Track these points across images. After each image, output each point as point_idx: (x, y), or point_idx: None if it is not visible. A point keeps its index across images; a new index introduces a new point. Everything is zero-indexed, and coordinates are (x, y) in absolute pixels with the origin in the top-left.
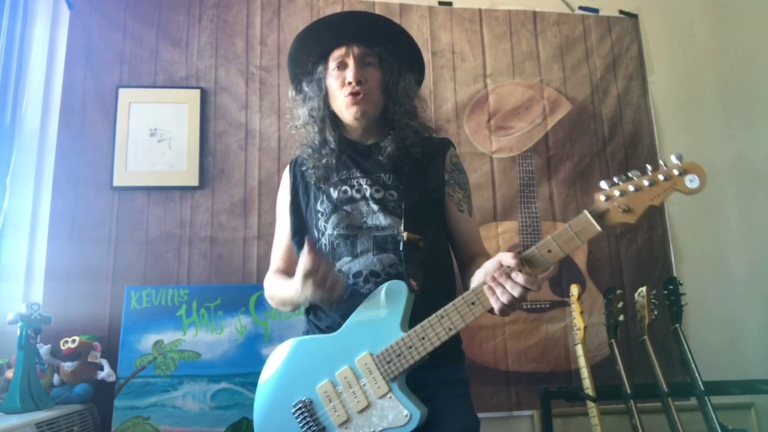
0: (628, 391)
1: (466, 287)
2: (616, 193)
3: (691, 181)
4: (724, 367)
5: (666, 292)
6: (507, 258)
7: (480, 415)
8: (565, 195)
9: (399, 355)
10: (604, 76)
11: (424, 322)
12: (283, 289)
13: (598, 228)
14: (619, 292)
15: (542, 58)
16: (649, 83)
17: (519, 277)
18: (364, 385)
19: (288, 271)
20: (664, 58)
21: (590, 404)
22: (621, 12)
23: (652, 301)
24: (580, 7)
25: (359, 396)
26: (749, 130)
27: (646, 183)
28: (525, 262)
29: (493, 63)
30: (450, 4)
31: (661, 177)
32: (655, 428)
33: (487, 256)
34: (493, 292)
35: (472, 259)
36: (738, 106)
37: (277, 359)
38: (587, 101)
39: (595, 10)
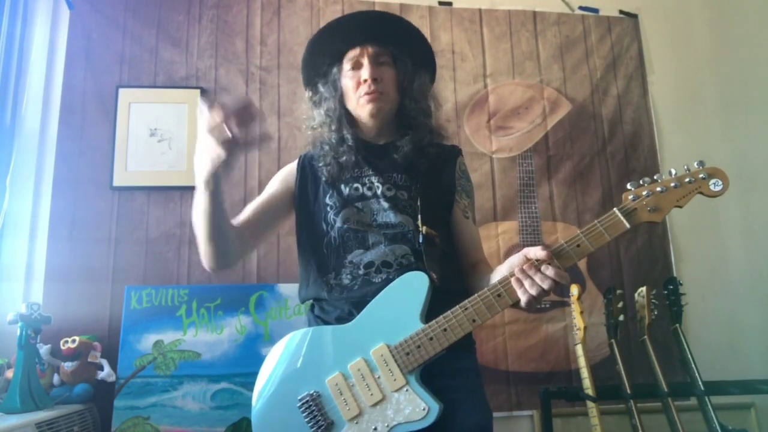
0: (628, 391)
1: (468, 293)
2: (644, 192)
3: (715, 185)
4: (724, 367)
5: (666, 292)
6: (537, 251)
7: None
8: (565, 195)
9: (419, 347)
10: (604, 76)
11: (447, 313)
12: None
13: (627, 225)
14: (619, 292)
15: (542, 58)
16: (649, 83)
17: (549, 270)
18: (378, 377)
19: (244, 225)
20: (664, 58)
21: (590, 404)
22: (621, 12)
23: (652, 301)
24: (580, 7)
25: (373, 389)
26: (749, 130)
27: (672, 185)
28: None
29: (493, 63)
30: (450, 4)
31: (686, 180)
32: (655, 428)
33: (487, 264)
34: (521, 285)
35: (473, 265)
36: (738, 106)
37: (280, 351)
38: (587, 101)
39: (595, 10)
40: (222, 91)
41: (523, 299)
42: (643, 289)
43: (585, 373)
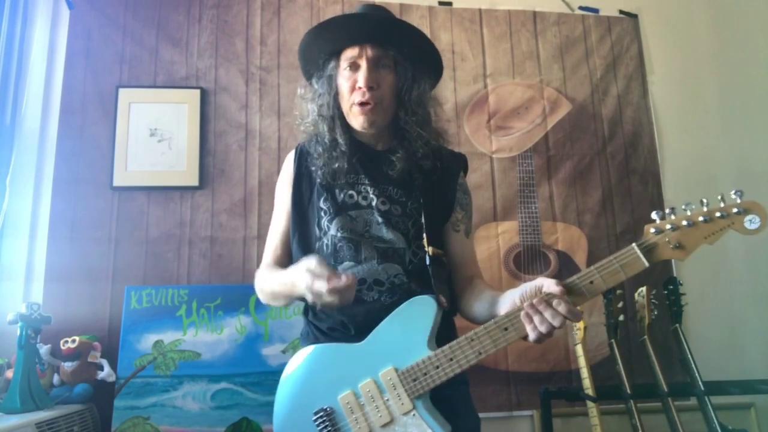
0: (628, 391)
1: (459, 311)
2: (668, 227)
3: (751, 222)
4: (724, 367)
5: (666, 292)
6: (551, 285)
7: (480, 415)
8: (565, 195)
9: (425, 374)
10: (604, 76)
11: (453, 343)
12: (281, 279)
13: (646, 264)
14: (619, 292)
15: (542, 58)
16: (649, 83)
17: (561, 307)
18: (387, 400)
19: (282, 263)
20: (664, 58)
21: (590, 404)
22: (621, 12)
23: (652, 301)
24: (580, 7)
25: (382, 411)
26: (749, 129)
27: (701, 219)
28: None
29: (493, 63)
30: (450, 4)
31: (718, 214)
32: (655, 428)
33: (482, 278)
34: (531, 320)
35: (468, 281)
36: (738, 106)
37: (298, 364)
38: (587, 101)
39: (595, 10)
40: (222, 91)
41: (532, 336)
42: (643, 289)
43: (585, 373)
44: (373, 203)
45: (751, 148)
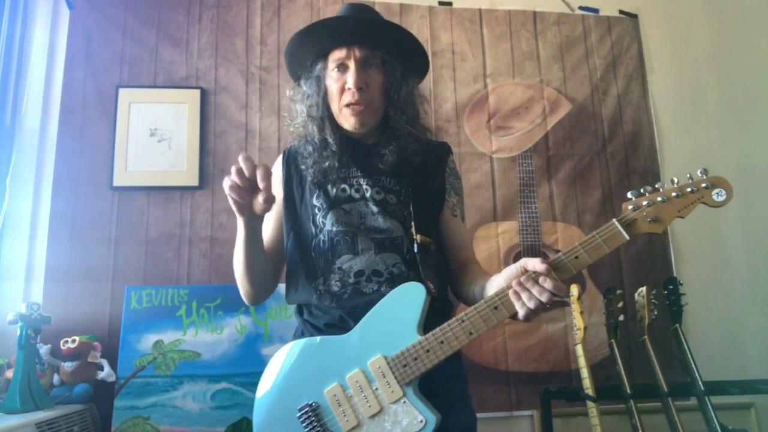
0: (628, 391)
1: (456, 294)
2: (644, 203)
3: (718, 195)
4: (724, 367)
5: (666, 292)
6: (535, 263)
7: (480, 415)
8: (565, 195)
9: (416, 359)
10: (604, 76)
11: (444, 325)
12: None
13: (627, 236)
14: (619, 292)
15: (542, 58)
16: (649, 83)
17: (547, 283)
18: (376, 389)
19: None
20: (664, 58)
21: (590, 404)
22: (621, 12)
23: (652, 301)
24: (580, 7)
25: (371, 401)
26: (749, 129)
27: (674, 194)
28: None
29: (493, 63)
30: (450, 4)
31: (688, 189)
32: (655, 428)
33: (477, 264)
34: (519, 297)
35: (463, 265)
36: (738, 106)
37: (280, 361)
38: (587, 101)
39: (595, 10)
40: (222, 91)
41: (521, 312)
42: (643, 289)
43: (585, 373)
44: (367, 194)
45: (751, 147)
